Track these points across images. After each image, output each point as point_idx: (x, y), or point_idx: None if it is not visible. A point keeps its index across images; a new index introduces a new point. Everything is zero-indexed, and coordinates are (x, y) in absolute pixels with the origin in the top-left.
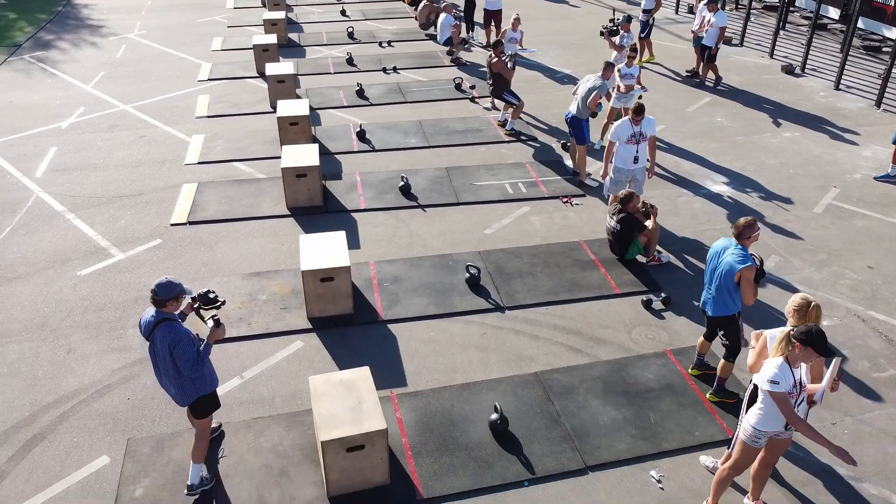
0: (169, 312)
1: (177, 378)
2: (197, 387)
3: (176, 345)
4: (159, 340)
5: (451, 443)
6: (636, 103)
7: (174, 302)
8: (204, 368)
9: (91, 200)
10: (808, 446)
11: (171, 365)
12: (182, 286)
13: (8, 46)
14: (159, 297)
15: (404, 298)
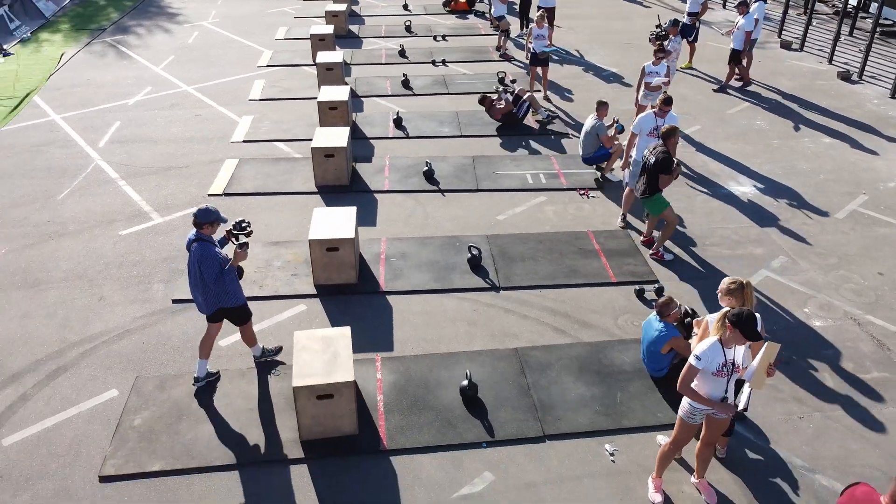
0: (205, 234)
1: (203, 289)
2: (219, 299)
3: (203, 260)
4: (192, 255)
5: (421, 404)
6: (664, 95)
7: (209, 226)
8: (227, 285)
9: (142, 170)
10: (767, 436)
11: (199, 277)
12: (218, 214)
13: (93, 30)
14: (198, 220)
15: (407, 273)
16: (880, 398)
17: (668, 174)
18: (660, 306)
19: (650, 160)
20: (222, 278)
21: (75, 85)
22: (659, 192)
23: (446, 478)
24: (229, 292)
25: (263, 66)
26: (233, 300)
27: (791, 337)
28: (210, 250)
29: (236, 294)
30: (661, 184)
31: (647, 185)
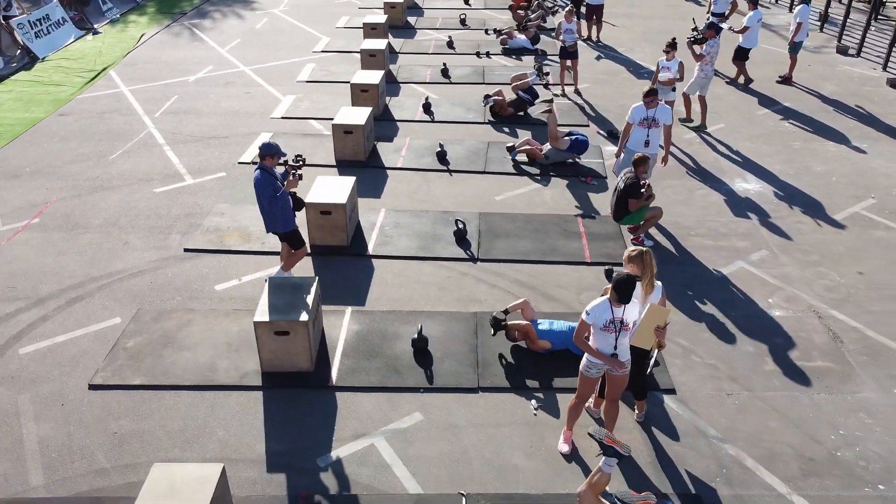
0: (267, 165)
1: (262, 209)
2: (272, 222)
3: (259, 184)
4: (254, 180)
5: (375, 351)
6: (649, 87)
7: (270, 158)
8: (278, 210)
9: (187, 138)
10: (691, 408)
11: (258, 198)
12: (279, 148)
13: (175, 14)
14: (262, 152)
15: (396, 240)
16: (815, 385)
17: (636, 199)
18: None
19: (619, 186)
20: (276, 201)
21: (148, 62)
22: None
23: (379, 414)
24: (280, 218)
25: (318, 51)
26: (284, 226)
27: (746, 324)
28: (267, 178)
29: (287, 221)
30: (630, 207)
31: (616, 209)
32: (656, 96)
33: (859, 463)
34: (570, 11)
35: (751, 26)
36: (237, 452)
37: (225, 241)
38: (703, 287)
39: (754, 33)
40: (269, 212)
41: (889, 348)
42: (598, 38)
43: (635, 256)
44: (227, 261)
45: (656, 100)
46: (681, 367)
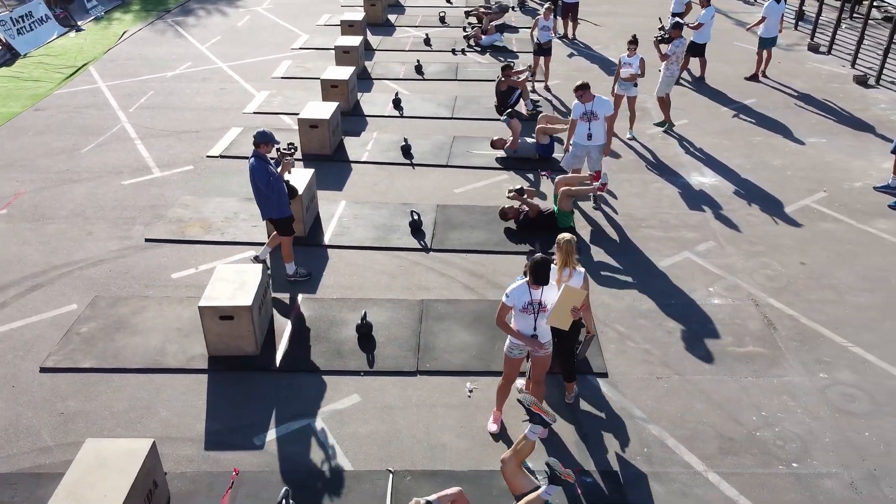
0: (261, 152)
1: (259, 195)
2: (268, 209)
3: (255, 171)
4: (249, 167)
5: (321, 336)
6: (581, 81)
7: (265, 146)
8: (275, 195)
9: (159, 132)
10: (620, 390)
11: (254, 186)
12: (273, 136)
13: (159, 11)
14: (256, 140)
15: (353, 231)
16: (744, 369)
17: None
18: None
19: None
20: (272, 186)
21: (128, 58)
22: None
23: (319, 396)
24: (276, 203)
25: (297, 48)
26: (278, 212)
27: (684, 311)
28: (262, 164)
29: (281, 207)
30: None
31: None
32: (587, 90)
33: (777, 442)
34: (549, 9)
35: (704, 23)
36: (178, 431)
37: (186, 231)
38: (647, 276)
39: (707, 29)
40: (267, 197)
41: (820, 335)
42: (574, 35)
43: (559, 245)
44: (186, 251)
45: (588, 94)
46: (615, 352)
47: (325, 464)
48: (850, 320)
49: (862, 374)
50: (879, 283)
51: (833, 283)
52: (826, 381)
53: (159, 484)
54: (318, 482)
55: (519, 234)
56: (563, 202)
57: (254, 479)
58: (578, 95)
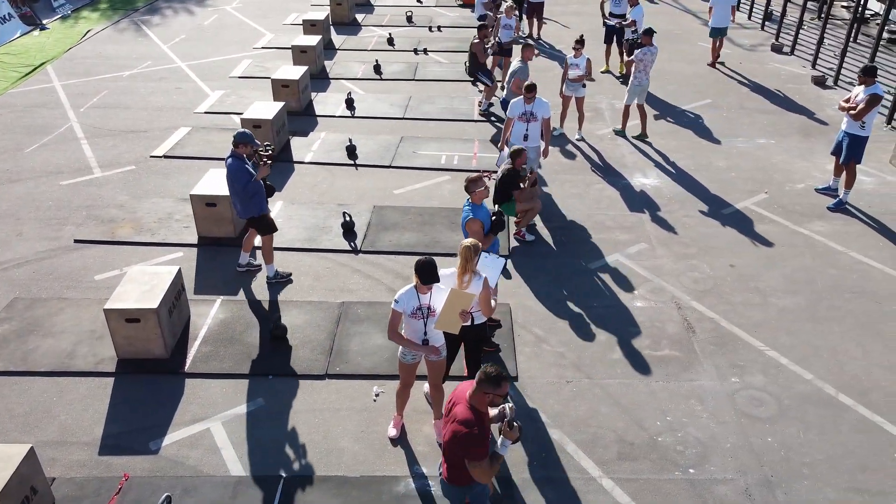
0: (239, 153)
1: (237, 196)
2: (247, 208)
3: (234, 172)
4: (227, 167)
5: (236, 339)
6: (528, 83)
7: (244, 146)
8: (255, 198)
9: (106, 132)
10: (524, 391)
11: (231, 186)
12: (252, 138)
13: (127, 9)
14: (235, 140)
15: (284, 232)
16: (656, 373)
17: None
18: (467, 183)
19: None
20: (250, 187)
21: (87, 57)
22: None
23: (223, 399)
24: (255, 203)
25: (259, 47)
26: (257, 210)
27: (604, 314)
28: (241, 164)
29: (260, 205)
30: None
31: (497, 193)
32: (535, 91)
33: (677, 448)
34: (511, 7)
35: (636, 20)
36: (73, 436)
37: (116, 232)
38: (573, 278)
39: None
40: (244, 197)
41: (738, 338)
42: (539, 35)
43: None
44: (114, 252)
45: (534, 95)
46: (528, 356)
47: (217, 469)
48: (770, 323)
49: (773, 377)
50: (804, 285)
51: (759, 285)
52: (737, 385)
53: (39, 490)
54: (206, 487)
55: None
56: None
57: (143, 485)
58: (530, 96)
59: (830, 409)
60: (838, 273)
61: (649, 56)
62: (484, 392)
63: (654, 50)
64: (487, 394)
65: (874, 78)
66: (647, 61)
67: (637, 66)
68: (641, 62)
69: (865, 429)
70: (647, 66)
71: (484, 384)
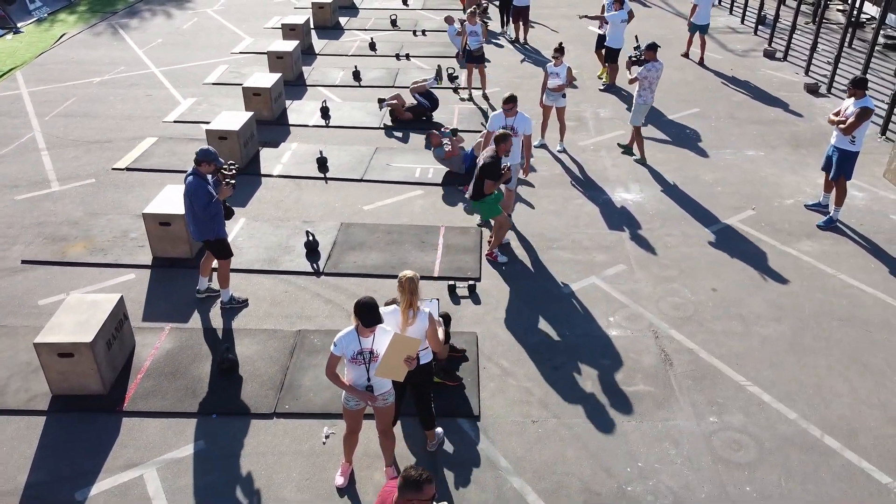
0: (201, 171)
1: (193, 217)
2: (204, 230)
3: (194, 192)
4: (186, 186)
5: (181, 372)
6: (509, 94)
7: (206, 164)
8: (214, 219)
9: (69, 142)
10: (486, 433)
11: (189, 206)
12: (216, 156)
13: (105, 13)
14: (197, 158)
15: (244, 252)
16: (628, 412)
17: (494, 179)
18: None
19: (479, 163)
20: (209, 209)
21: (59, 63)
22: (487, 196)
23: (161, 441)
24: (212, 225)
25: (237, 52)
26: (214, 233)
27: (576, 344)
28: (201, 184)
29: (218, 229)
30: (486, 188)
31: (474, 187)
32: (515, 104)
33: (647, 498)
34: (473, 13)
35: (612, 23)
36: None
37: (67, 252)
38: (545, 303)
39: (619, 32)
40: (202, 219)
41: (718, 371)
42: (526, 39)
43: (398, 282)
44: (62, 274)
45: (515, 108)
46: (493, 391)
47: None
48: (752, 354)
49: (754, 417)
50: (790, 311)
51: (742, 311)
52: (714, 425)
53: None
54: None
55: (416, 254)
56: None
57: None
58: (507, 108)
59: (815, 453)
60: (826, 298)
61: (654, 72)
62: (406, 499)
63: (658, 66)
64: (410, 500)
65: (865, 90)
66: (651, 78)
67: (641, 83)
68: (646, 79)
69: (851, 476)
70: (653, 83)
71: (405, 490)
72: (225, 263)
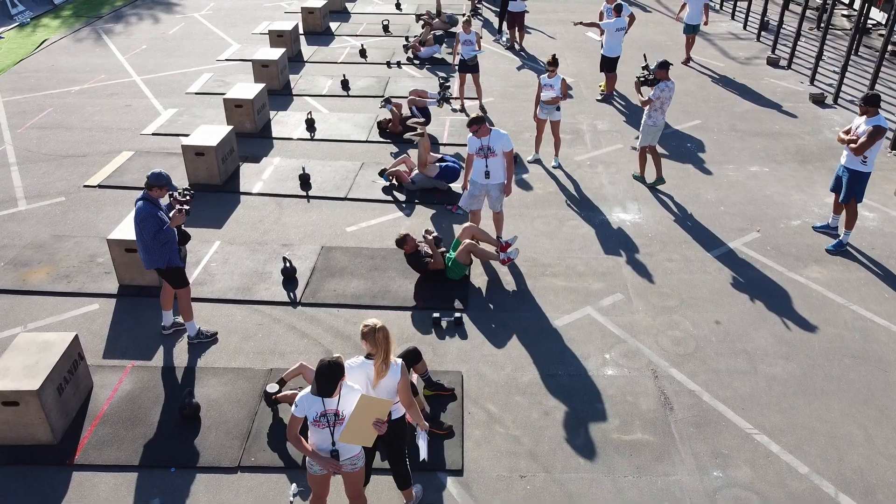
0: (153, 196)
1: (143, 245)
2: (154, 259)
3: (143, 219)
4: (135, 212)
5: (140, 417)
6: (475, 114)
7: (158, 189)
8: (165, 247)
9: (42, 157)
10: (469, 490)
11: (138, 233)
12: (169, 180)
13: (90, 17)
14: (149, 182)
15: (217, 280)
16: (625, 465)
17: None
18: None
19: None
20: (160, 237)
21: (38, 70)
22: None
23: (113, 499)
24: (165, 253)
25: (222, 59)
26: (166, 261)
27: (569, 385)
28: (151, 210)
29: (171, 257)
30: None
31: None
32: (482, 124)
33: None
34: (468, 22)
35: (607, 31)
36: None
37: (28, 279)
38: (537, 338)
39: (616, 41)
40: (151, 248)
41: (722, 417)
42: (521, 45)
43: (367, 332)
44: (21, 304)
45: (484, 128)
46: (478, 441)
47: None
48: (759, 397)
49: (762, 471)
50: (799, 347)
51: (748, 347)
52: (719, 481)
53: None
54: None
55: (399, 281)
56: (462, 254)
57: None
58: (473, 130)
59: None
60: (837, 332)
61: (667, 92)
62: None
63: (671, 85)
64: None
65: (878, 107)
66: (664, 98)
67: (653, 104)
68: (658, 100)
69: None
70: (665, 103)
71: None
72: (183, 293)
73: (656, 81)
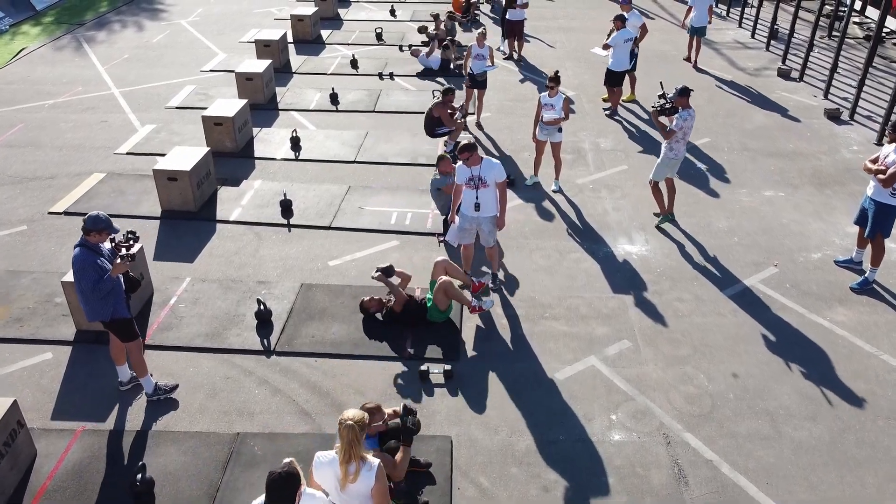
0: (91, 241)
1: (83, 296)
2: (96, 311)
3: (81, 269)
4: (72, 261)
5: (87, 494)
6: (466, 141)
7: (97, 234)
8: (108, 297)
9: (6, 179)
10: None
11: (77, 283)
12: (109, 223)
13: (71, 24)
14: (85, 227)
15: (184, 324)
16: None
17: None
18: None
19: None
20: (101, 287)
21: (12, 82)
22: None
23: None
24: (108, 305)
25: (207, 70)
26: (108, 314)
27: (571, 454)
28: (89, 258)
29: (116, 308)
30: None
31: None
32: (474, 152)
33: None
34: (483, 34)
35: (614, 45)
36: None
37: None
38: (536, 394)
39: (623, 54)
40: (91, 299)
41: (743, 493)
42: (521, 55)
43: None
44: None
45: (475, 156)
46: None
47: None
48: (784, 468)
49: None
50: (825, 406)
51: (769, 406)
52: None
53: None
54: None
55: (384, 327)
56: (438, 297)
57: None
58: (464, 158)
59: None
60: (868, 388)
61: (689, 122)
62: None
63: (693, 113)
64: None
65: None
66: (686, 129)
67: (675, 135)
68: (681, 130)
69: None
70: (687, 133)
71: None
72: (134, 347)
73: (675, 110)
